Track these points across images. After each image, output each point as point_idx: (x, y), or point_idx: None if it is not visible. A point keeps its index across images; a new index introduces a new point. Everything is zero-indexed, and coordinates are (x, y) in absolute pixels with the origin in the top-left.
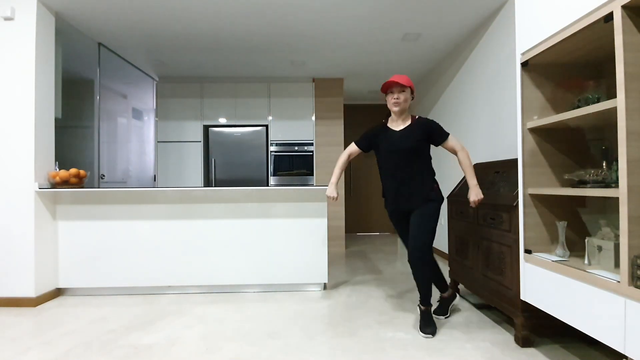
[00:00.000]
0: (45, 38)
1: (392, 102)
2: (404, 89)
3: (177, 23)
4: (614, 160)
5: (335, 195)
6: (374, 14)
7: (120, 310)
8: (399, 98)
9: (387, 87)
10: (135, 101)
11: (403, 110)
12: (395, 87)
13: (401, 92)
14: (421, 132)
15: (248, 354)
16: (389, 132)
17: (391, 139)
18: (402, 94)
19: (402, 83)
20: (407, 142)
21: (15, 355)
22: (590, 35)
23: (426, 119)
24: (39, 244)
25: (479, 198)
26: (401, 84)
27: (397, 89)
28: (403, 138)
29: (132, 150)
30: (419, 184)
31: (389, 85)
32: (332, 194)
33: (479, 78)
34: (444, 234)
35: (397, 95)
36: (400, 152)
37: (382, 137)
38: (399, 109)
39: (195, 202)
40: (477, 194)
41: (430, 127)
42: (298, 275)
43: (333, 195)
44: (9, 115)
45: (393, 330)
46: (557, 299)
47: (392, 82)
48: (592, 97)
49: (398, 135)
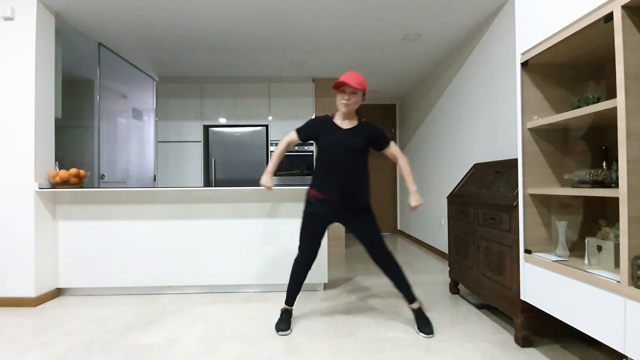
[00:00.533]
0: (45, 38)
1: (341, 102)
2: (355, 91)
3: (177, 23)
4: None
5: (270, 185)
6: (374, 14)
7: (120, 310)
8: (350, 100)
9: (339, 86)
10: (135, 101)
11: (350, 112)
12: (347, 88)
13: (352, 94)
14: (367, 135)
15: (248, 354)
16: (334, 127)
17: (337, 135)
18: (353, 95)
19: (354, 85)
20: (353, 141)
21: (15, 355)
22: (590, 35)
23: (372, 124)
24: (39, 244)
25: (419, 204)
26: (353, 86)
27: (348, 90)
28: (350, 136)
29: (132, 150)
30: (361, 185)
31: (341, 85)
32: (267, 183)
33: (478, 78)
34: (444, 234)
35: (348, 96)
36: (346, 150)
37: (327, 130)
38: (347, 111)
39: (195, 202)
40: (417, 200)
41: (376, 132)
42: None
43: (268, 185)
44: (9, 115)
45: (393, 330)
46: (557, 299)
47: (344, 82)
48: (592, 97)
49: (345, 133)
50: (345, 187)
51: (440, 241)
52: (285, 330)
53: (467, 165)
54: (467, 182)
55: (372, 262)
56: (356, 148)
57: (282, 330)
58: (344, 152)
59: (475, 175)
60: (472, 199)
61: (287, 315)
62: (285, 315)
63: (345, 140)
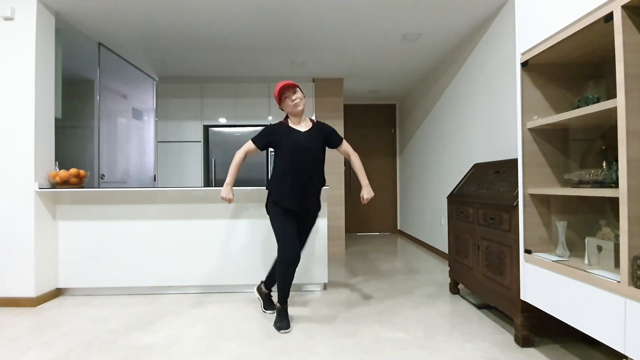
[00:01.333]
0: (45, 38)
1: (294, 103)
2: (295, 89)
3: (177, 23)
4: (614, 160)
5: (230, 197)
6: (374, 14)
7: (120, 310)
8: (299, 97)
9: (282, 93)
10: (135, 101)
11: (304, 111)
12: (290, 89)
13: (295, 92)
14: (323, 134)
15: (248, 354)
16: (292, 131)
17: (298, 138)
18: (298, 93)
19: (295, 84)
20: (314, 143)
21: (15, 355)
22: (590, 35)
23: (325, 124)
24: (39, 244)
25: (371, 196)
26: (293, 84)
27: (291, 90)
28: (310, 138)
29: (132, 150)
30: (318, 185)
31: (283, 90)
32: (228, 195)
33: (478, 78)
34: (444, 234)
35: (295, 96)
36: (309, 152)
37: (285, 135)
38: (302, 108)
39: (195, 202)
40: (369, 192)
41: (330, 131)
42: (298, 275)
43: (228, 197)
44: (9, 115)
45: (393, 330)
46: (557, 299)
47: (285, 85)
48: (592, 97)
49: (304, 136)
50: (306, 189)
51: (440, 241)
52: (287, 328)
53: (467, 165)
54: (467, 182)
55: (374, 261)
56: (316, 149)
57: (283, 328)
58: (306, 155)
59: (475, 175)
60: (472, 199)
61: (285, 312)
62: (284, 313)
63: (305, 143)
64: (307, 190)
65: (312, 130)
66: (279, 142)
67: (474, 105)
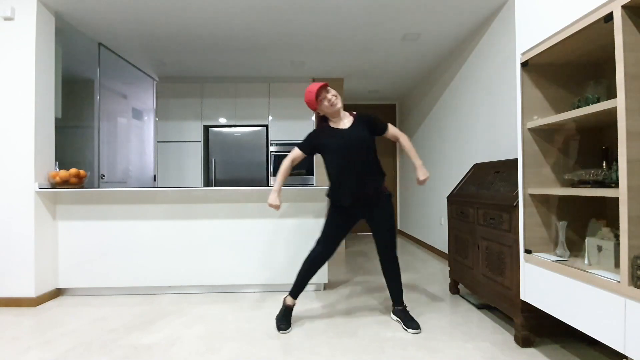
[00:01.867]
0: (45, 38)
1: (330, 102)
2: (328, 88)
3: (177, 23)
4: (614, 160)
5: (277, 204)
6: (374, 14)
7: (120, 310)
8: (334, 94)
9: (317, 95)
10: (135, 101)
11: (341, 109)
12: (322, 90)
13: (329, 91)
14: (368, 125)
15: (248, 354)
16: (336, 131)
17: (343, 136)
18: (331, 91)
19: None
20: (360, 136)
21: (15, 355)
22: (590, 35)
23: (365, 114)
24: (39, 244)
25: (426, 177)
26: (324, 84)
27: (324, 90)
28: (355, 133)
29: (132, 150)
30: (375, 176)
31: (318, 93)
32: (274, 202)
33: (478, 78)
34: (444, 234)
35: (330, 96)
36: (356, 147)
37: (329, 137)
38: (340, 105)
39: (195, 202)
40: (424, 173)
41: (373, 119)
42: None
43: (276, 204)
44: (9, 115)
45: (393, 330)
46: (557, 299)
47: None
48: (592, 97)
49: (349, 132)
50: (359, 185)
51: (440, 241)
52: (286, 329)
53: (467, 165)
54: (467, 182)
55: (375, 261)
56: (365, 139)
57: (282, 329)
58: (356, 150)
59: (475, 175)
60: (472, 199)
61: (288, 312)
62: (287, 312)
63: (354, 138)
64: (364, 185)
65: (355, 124)
66: (325, 145)
67: (474, 105)
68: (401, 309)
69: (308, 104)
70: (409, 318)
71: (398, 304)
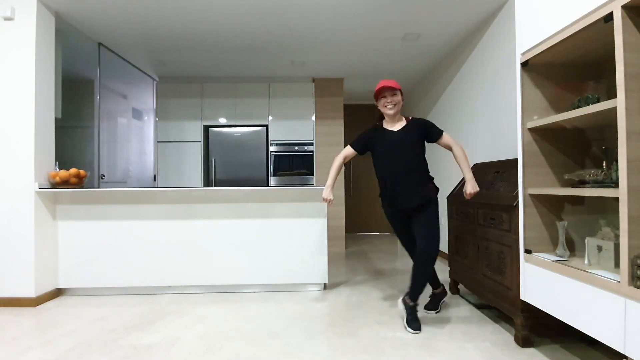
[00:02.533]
0: (45, 38)
1: (387, 106)
2: (395, 92)
3: (177, 23)
4: (614, 160)
5: (331, 198)
6: (374, 14)
7: (120, 310)
8: (393, 101)
9: (380, 93)
10: (135, 101)
11: (397, 112)
12: (388, 91)
13: (393, 95)
14: (419, 130)
15: (248, 354)
16: (386, 132)
17: (391, 139)
18: (395, 97)
19: (393, 86)
20: (407, 140)
21: (15, 355)
22: (590, 35)
23: (420, 119)
24: (39, 244)
25: (475, 190)
26: (392, 87)
27: (389, 92)
28: (403, 137)
29: (132, 150)
30: (419, 182)
31: (381, 91)
32: (328, 196)
33: (478, 78)
34: (444, 234)
35: (391, 98)
36: (401, 151)
37: (380, 137)
38: (394, 112)
39: (195, 202)
40: (474, 187)
41: (427, 125)
42: (298, 275)
43: (330, 198)
44: (9, 115)
45: (393, 330)
46: (557, 299)
47: (384, 87)
48: (592, 97)
49: (397, 135)
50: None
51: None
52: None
53: None
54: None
55: (375, 261)
56: (410, 147)
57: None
58: (399, 154)
59: (475, 175)
60: (472, 199)
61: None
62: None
63: (398, 142)
64: (407, 187)
65: (407, 127)
66: (375, 144)
67: (474, 105)
68: (412, 305)
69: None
70: (413, 316)
71: (411, 299)
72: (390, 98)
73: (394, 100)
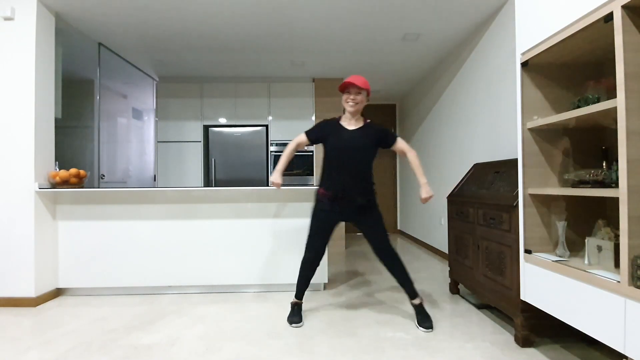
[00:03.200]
0: (45, 38)
1: (348, 102)
2: (360, 90)
3: (177, 23)
4: (614, 160)
5: (279, 182)
6: (374, 14)
7: (120, 310)
8: (355, 99)
9: (345, 87)
10: (135, 101)
11: (357, 112)
12: (353, 88)
13: (358, 93)
14: (375, 135)
15: (248, 354)
16: (342, 129)
17: (344, 137)
18: (359, 95)
19: (359, 85)
20: (361, 142)
21: (15, 355)
22: (590, 35)
23: (377, 124)
24: (39, 244)
25: (430, 195)
26: (358, 85)
27: (354, 90)
28: (356, 137)
29: (132, 150)
30: (365, 185)
31: (347, 85)
32: (277, 180)
33: (479, 78)
34: (444, 234)
35: (354, 96)
36: (352, 151)
37: (334, 132)
38: (354, 110)
39: (195, 202)
40: (428, 192)
41: (383, 131)
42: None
43: (278, 182)
44: (9, 115)
45: (393, 330)
46: (557, 299)
47: (350, 82)
48: (592, 97)
49: (351, 134)
50: (351, 186)
51: (440, 241)
52: (298, 322)
53: (467, 165)
54: (467, 182)
55: (374, 261)
56: (362, 148)
57: (295, 322)
58: (350, 153)
59: (475, 175)
60: (472, 199)
61: (298, 308)
62: (297, 309)
63: (351, 141)
64: (353, 187)
65: (362, 129)
66: (328, 138)
67: (474, 105)
68: (417, 304)
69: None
70: (424, 315)
71: (412, 297)
72: (353, 95)
73: (356, 98)
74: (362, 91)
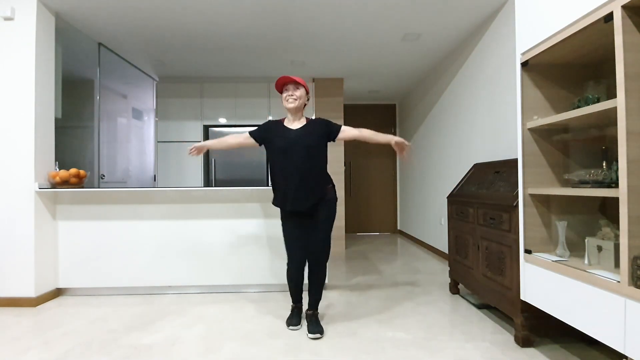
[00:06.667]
0: (45, 38)
1: (288, 99)
2: (298, 86)
3: (177, 23)
4: (614, 160)
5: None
6: (374, 14)
7: (120, 310)
8: (294, 94)
9: (282, 84)
10: (135, 101)
11: (299, 109)
12: (290, 84)
13: (296, 89)
14: (319, 130)
15: (248, 354)
16: (285, 129)
17: (288, 137)
18: (297, 90)
19: (297, 80)
20: (304, 141)
21: (15, 355)
22: (590, 35)
23: (320, 118)
24: (39, 244)
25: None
26: (296, 80)
27: (292, 85)
28: (300, 136)
29: (132, 150)
30: (315, 185)
31: (284, 82)
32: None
33: (479, 78)
34: (444, 234)
35: (292, 92)
36: (298, 151)
37: (278, 133)
38: (295, 106)
39: (195, 202)
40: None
41: (327, 124)
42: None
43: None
44: (9, 115)
45: (393, 330)
46: (557, 299)
47: (287, 78)
48: (592, 97)
49: (294, 134)
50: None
51: (440, 241)
52: (296, 325)
53: (467, 165)
54: (467, 182)
55: (375, 261)
56: (306, 147)
57: (293, 325)
58: (294, 154)
59: (475, 175)
60: (472, 199)
61: (298, 311)
62: (296, 311)
63: (294, 142)
64: (301, 191)
65: (305, 127)
66: (271, 140)
67: (474, 105)
68: (311, 313)
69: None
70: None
71: (310, 308)
72: (292, 91)
73: (295, 94)
74: (300, 87)
